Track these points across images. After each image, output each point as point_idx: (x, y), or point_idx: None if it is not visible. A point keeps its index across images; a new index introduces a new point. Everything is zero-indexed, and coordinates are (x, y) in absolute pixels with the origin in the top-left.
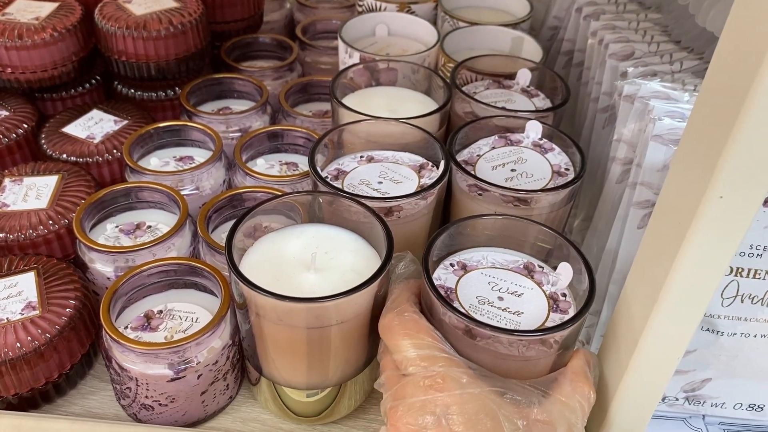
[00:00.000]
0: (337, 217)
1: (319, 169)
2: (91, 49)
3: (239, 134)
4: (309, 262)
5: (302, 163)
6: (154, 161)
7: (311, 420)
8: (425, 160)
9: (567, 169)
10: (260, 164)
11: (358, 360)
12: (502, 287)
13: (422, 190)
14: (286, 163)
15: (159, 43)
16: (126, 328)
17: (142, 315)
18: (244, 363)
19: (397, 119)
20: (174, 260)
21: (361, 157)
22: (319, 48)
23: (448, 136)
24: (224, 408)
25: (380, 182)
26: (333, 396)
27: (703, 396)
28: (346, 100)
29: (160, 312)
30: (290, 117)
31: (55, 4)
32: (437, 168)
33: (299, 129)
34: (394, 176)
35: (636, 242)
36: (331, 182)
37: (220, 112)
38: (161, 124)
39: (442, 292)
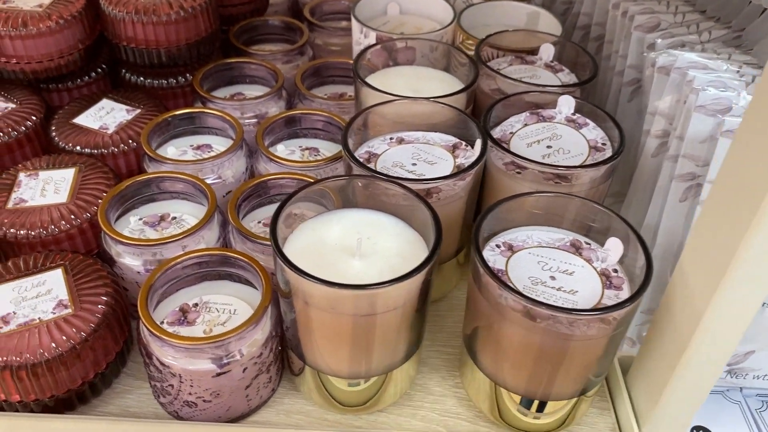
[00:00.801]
0: (374, 201)
1: (354, 154)
2: (97, 36)
3: (255, 120)
4: (352, 249)
5: (323, 147)
6: (171, 150)
7: (357, 410)
8: (458, 140)
9: (604, 144)
10: (281, 150)
11: (404, 348)
12: (552, 266)
13: (463, 170)
14: (307, 148)
15: (170, 28)
16: (162, 323)
17: (177, 309)
18: (285, 354)
19: (429, 98)
20: (209, 251)
21: (391, 138)
22: (329, 29)
23: (473, 114)
24: (267, 401)
25: (414, 164)
26: (379, 385)
27: (744, 369)
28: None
29: (196, 305)
30: (306, 100)
31: None
32: (471, 147)
33: (321, 113)
34: (428, 157)
35: (678, 216)
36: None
37: (235, 98)
38: (178, 112)
39: None
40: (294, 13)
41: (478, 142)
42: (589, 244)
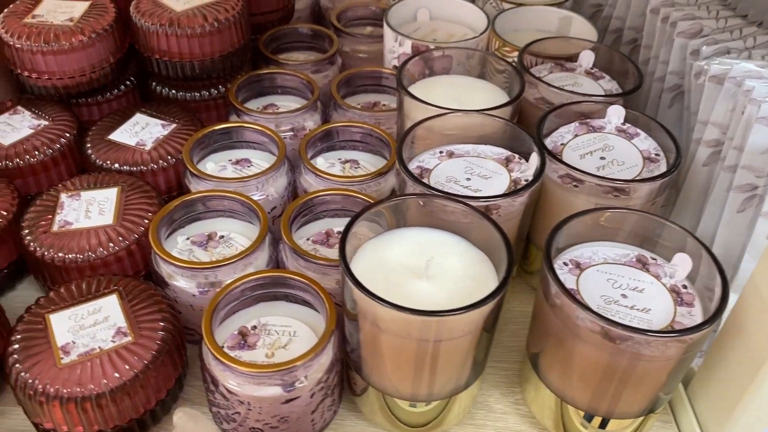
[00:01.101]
0: (431, 218)
1: (412, 171)
2: (127, 48)
3: (291, 133)
4: (417, 269)
5: (362, 159)
6: (210, 166)
7: (421, 430)
8: (510, 152)
9: (657, 155)
10: (320, 163)
11: (472, 370)
12: (622, 284)
13: (528, 185)
14: (347, 161)
15: (204, 41)
16: (222, 347)
17: (236, 332)
18: (346, 374)
19: (482, 111)
20: (272, 273)
21: (441, 152)
22: (356, 36)
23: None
24: (329, 423)
25: (468, 179)
26: (443, 405)
27: None
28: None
29: (255, 327)
30: (341, 110)
31: (87, 3)
32: (524, 159)
33: (363, 125)
34: (481, 171)
35: (736, 226)
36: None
37: (269, 110)
38: (218, 127)
39: None
40: (315, 19)
41: (534, 156)
42: (655, 259)
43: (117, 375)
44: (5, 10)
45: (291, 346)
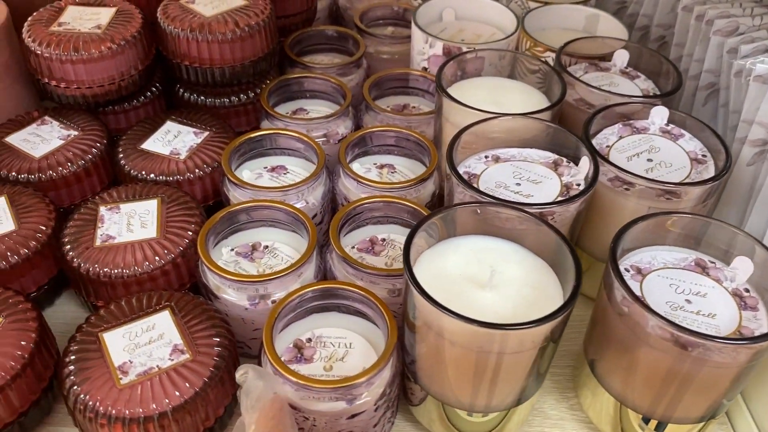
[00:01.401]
0: (485, 225)
1: (464, 177)
2: (154, 55)
3: (324, 139)
4: (477, 279)
5: (397, 164)
6: (246, 174)
7: None
8: (557, 156)
9: (704, 156)
10: (357, 169)
11: (536, 380)
12: (684, 289)
13: (585, 190)
14: (383, 166)
15: (235, 46)
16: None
17: (291, 346)
18: (402, 384)
19: (528, 114)
20: (328, 284)
21: (486, 157)
22: (379, 37)
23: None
24: None
25: (518, 183)
26: (503, 415)
27: None
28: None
29: (309, 340)
30: (372, 113)
31: (112, 9)
32: (572, 162)
33: (399, 129)
34: (530, 176)
35: None
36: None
37: (297, 114)
38: (255, 134)
39: None
40: (334, 20)
41: (585, 160)
42: (714, 263)
43: (177, 393)
44: (30, 19)
45: (348, 358)
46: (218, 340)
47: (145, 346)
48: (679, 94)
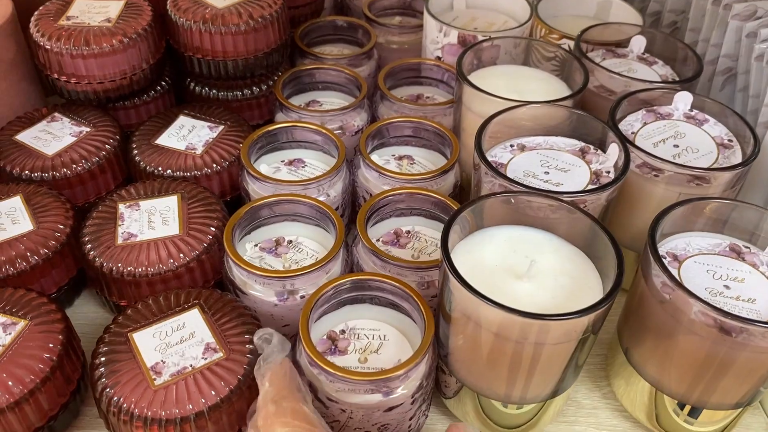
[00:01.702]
0: (517, 215)
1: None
2: (164, 48)
3: (339, 131)
4: (514, 269)
5: (416, 155)
6: (264, 168)
7: (516, 431)
8: (584, 143)
9: (730, 141)
10: (375, 161)
11: (575, 371)
12: (722, 274)
13: (618, 177)
14: (401, 157)
15: (248, 38)
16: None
17: (325, 337)
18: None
19: (553, 101)
20: (360, 276)
21: (512, 146)
22: (388, 26)
23: None
24: (422, 427)
25: (546, 172)
26: (539, 407)
27: None
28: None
29: (343, 332)
30: (387, 103)
31: (121, 2)
32: (599, 150)
33: (418, 120)
34: (558, 164)
35: None
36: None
37: (311, 106)
38: (274, 127)
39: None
40: (339, 9)
41: (614, 147)
42: (748, 247)
43: (213, 393)
44: (36, 13)
45: (383, 350)
46: (250, 337)
47: (177, 345)
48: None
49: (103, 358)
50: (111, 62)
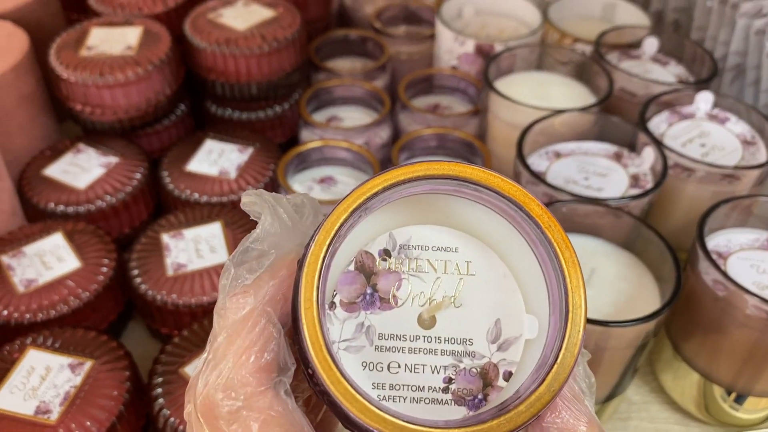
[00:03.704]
0: (565, 222)
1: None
2: (184, 73)
3: (365, 146)
4: None
5: None
6: (297, 187)
7: None
8: (617, 147)
9: (753, 137)
10: None
11: (632, 375)
12: (766, 269)
13: (660, 180)
14: None
15: (272, 59)
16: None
17: (352, 268)
18: None
19: (584, 108)
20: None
21: (547, 153)
22: (396, 37)
23: None
24: None
25: (586, 178)
26: (597, 407)
27: None
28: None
29: (387, 254)
30: (406, 114)
31: (138, 29)
32: (631, 152)
33: (445, 130)
34: (596, 169)
35: None
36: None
37: (332, 122)
38: (307, 147)
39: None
40: (343, 22)
41: (649, 150)
42: None
43: None
44: (55, 44)
45: (468, 296)
46: None
47: None
48: None
49: (159, 390)
50: (136, 91)
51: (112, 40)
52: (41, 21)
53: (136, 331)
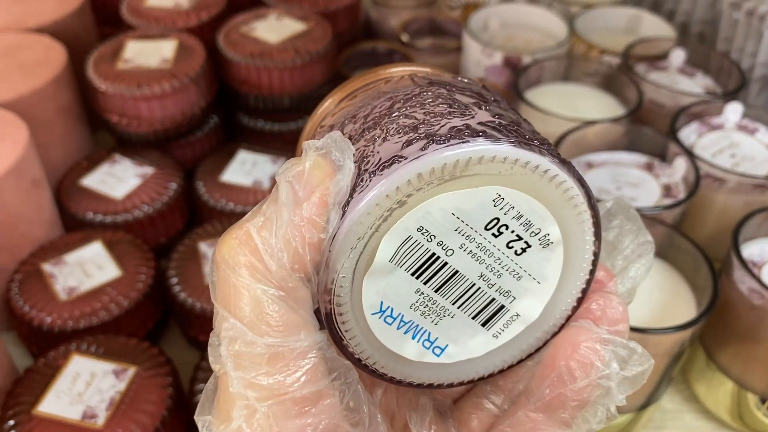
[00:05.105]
0: None
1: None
2: (218, 85)
3: None
4: None
5: None
6: None
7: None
8: (648, 158)
9: None
10: None
11: (667, 383)
12: None
13: (693, 190)
14: None
15: (305, 71)
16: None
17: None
18: None
19: (617, 118)
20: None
21: (578, 163)
22: (422, 49)
23: None
24: None
25: (618, 188)
26: (632, 416)
27: None
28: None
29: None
30: None
31: (173, 42)
32: (662, 162)
33: None
34: (628, 179)
35: None
36: None
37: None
38: None
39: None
40: (369, 35)
41: (680, 160)
42: None
43: None
44: (92, 57)
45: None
46: None
47: None
48: None
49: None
50: (172, 103)
51: (147, 53)
52: (77, 34)
53: (173, 339)
